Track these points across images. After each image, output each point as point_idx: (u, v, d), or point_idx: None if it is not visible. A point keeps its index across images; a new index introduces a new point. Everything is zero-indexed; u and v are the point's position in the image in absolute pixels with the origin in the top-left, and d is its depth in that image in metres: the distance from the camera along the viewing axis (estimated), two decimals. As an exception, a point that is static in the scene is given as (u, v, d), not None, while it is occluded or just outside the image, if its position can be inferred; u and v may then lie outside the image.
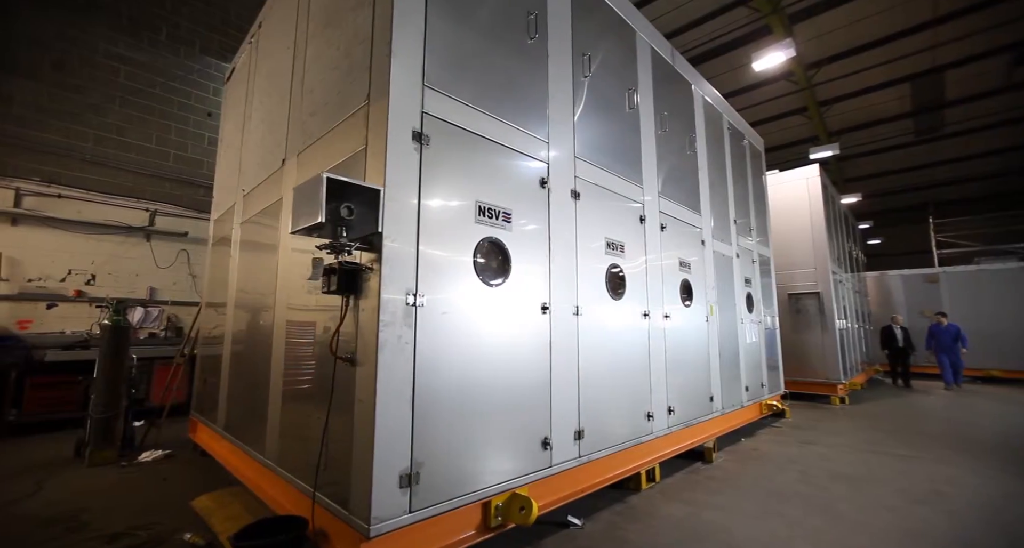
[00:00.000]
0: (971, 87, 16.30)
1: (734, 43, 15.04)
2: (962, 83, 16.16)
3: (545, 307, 3.05)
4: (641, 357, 3.97)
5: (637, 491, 3.73)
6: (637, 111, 4.38)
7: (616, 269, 3.82)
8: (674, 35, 15.07)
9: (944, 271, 13.27)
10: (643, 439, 3.85)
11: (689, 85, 5.49)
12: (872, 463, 4.58)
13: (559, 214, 3.30)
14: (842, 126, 19.33)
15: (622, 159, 4.10)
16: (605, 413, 3.49)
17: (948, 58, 15.09)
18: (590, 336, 3.44)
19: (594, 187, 3.70)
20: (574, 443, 3.16)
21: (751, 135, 7.20)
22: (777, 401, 6.47)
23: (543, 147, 3.25)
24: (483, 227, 2.73)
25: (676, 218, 4.79)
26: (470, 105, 2.75)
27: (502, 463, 2.67)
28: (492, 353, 2.67)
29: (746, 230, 6.54)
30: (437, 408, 2.36)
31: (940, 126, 18.85)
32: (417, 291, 2.33)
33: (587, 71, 3.76)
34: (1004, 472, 4.28)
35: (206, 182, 7.10)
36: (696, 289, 4.95)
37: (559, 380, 3.10)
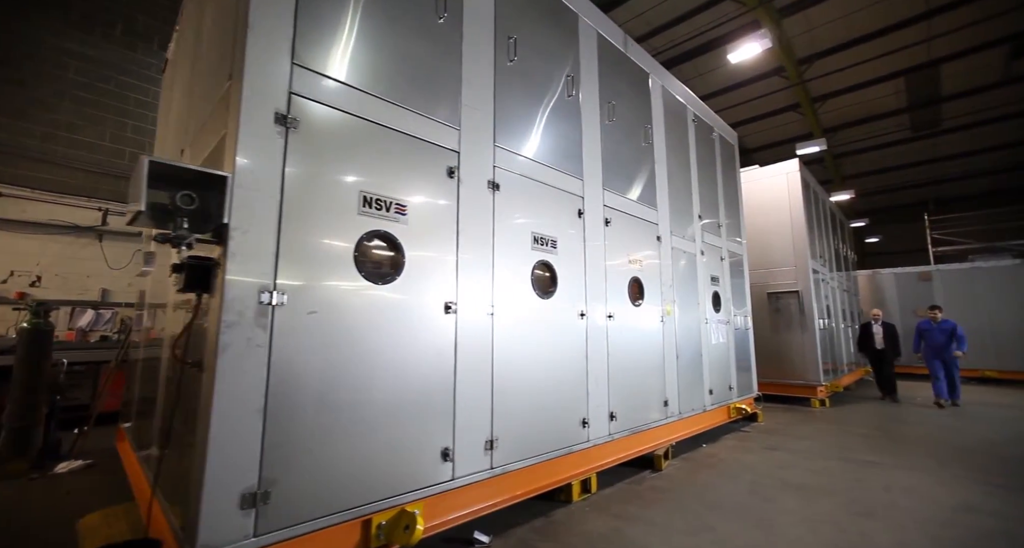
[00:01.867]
0: (968, 81, 15.94)
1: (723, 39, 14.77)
2: (958, 77, 15.81)
3: (449, 307, 2.83)
4: (575, 360, 3.73)
5: (568, 503, 3.50)
6: (577, 99, 4.14)
7: (545, 266, 3.59)
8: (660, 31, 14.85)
9: (937, 269, 12.93)
10: (575, 448, 3.60)
11: (646, 74, 5.25)
12: (833, 471, 4.32)
13: (472, 207, 3.07)
14: (837, 122, 19.01)
15: (557, 149, 3.87)
16: (527, 420, 3.25)
17: (943, 52, 14.75)
18: (510, 338, 3.21)
19: (519, 178, 3.47)
20: (485, 454, 2.93)
21: (722, 128, 6.94)
22: (747, 404, 6.20)
23: (453, 135, 3.02)
24: (369, 219, 2.50)
25: (625, 213, 4.55)
26: (358, 88, 2.53)
27: (390, 477, 2.44)
28: (377, 356, 2.45)
29: (714, 226, 6.29)
30: (301, 418, 2.13)
31: (937, 122, 18.48)
32: (275, 288, 2.11)
33: (512, 55, 3.53)
34: (968, 480, 4.01)
35: (164, 180, 6.89)
36: (649, 287, 4.71)
37: (467, 386, 2.87)
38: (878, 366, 9.04)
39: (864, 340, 9.26)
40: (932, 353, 8.25)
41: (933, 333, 8.31)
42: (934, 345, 8.25)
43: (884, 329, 8.99)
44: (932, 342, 8.28)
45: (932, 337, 8.30)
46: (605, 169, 4.35)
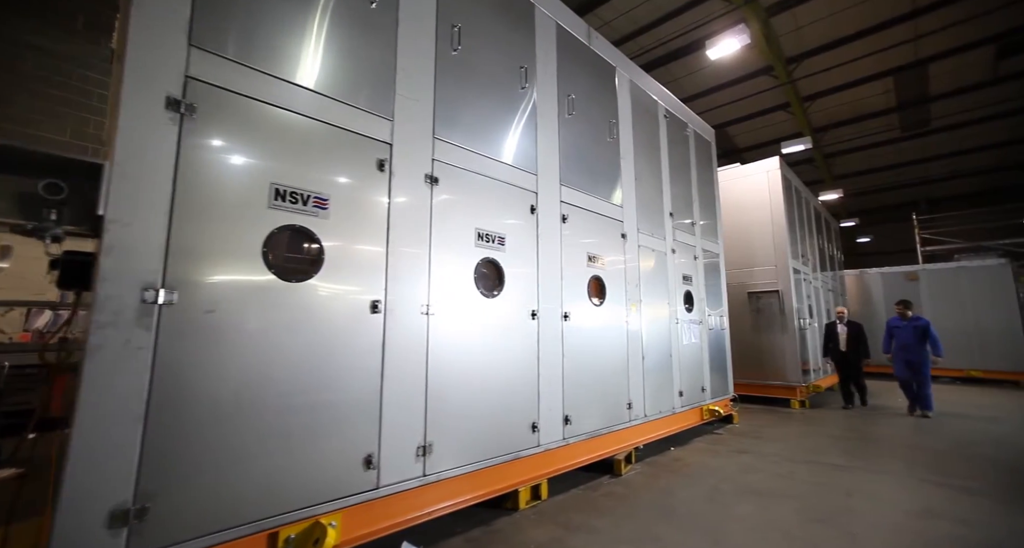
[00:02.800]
0: (955, 81, 15.87)
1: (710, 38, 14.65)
2: (946, 76, 15.74)
3: (376, 306, 2.68)
4: (525, 361, 3.59)
5: (514, 511, 3.35)
6: (532, 91, 4.00)
7: (491, 264, 3.44)
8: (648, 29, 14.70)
9: (924, 269, 12.85)
10: (524, 453, 3.46)
11: (612, 68, 5.11)
12: (798, 474, 4.18)
13: (407, 201, 2.93)
14: (827, 122, 18.91)
15: (508, 143, 3.72)
16: (468, 425, 3.10)
17: (930, 51, 14.68)
18: (450, 338, 3.06)
19: (462, 172, 3.32)
20: (416, 460, 2.78)
21: (697, 124, 6.81)
22: (720, 406, 6.07)
23: (385, 126, 2.87)
24: (282, 213, 2.35)
25: (586, 209, 4.41)
26: (270, 73, 2.38)
27: (305, 487, 2.29)
28: (288, 358, 2.30)
29: (687, 224, 6.15)
30: (194, 426, 1.98)
31: (927, 121, 18.41)
32: (164, 286, 1.95)
33: (456, 44, 3.38)
34: (934, 484, 3.89)
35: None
36: (612, 286, 4.56)
37: (396, 390, 2.72)
38: (843, 370, 8.02)
39: (828, 342, 8.23)
40: (901, 354, 7.28)
41: (903, 332, 7.28)
42: (903, 345, 7.26)
43: (849, 329, 7.97)
44: (901, 342, 7.30)
45: (901, 336, 7.29)
46: (563, 164, 4.21)
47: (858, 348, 7.84)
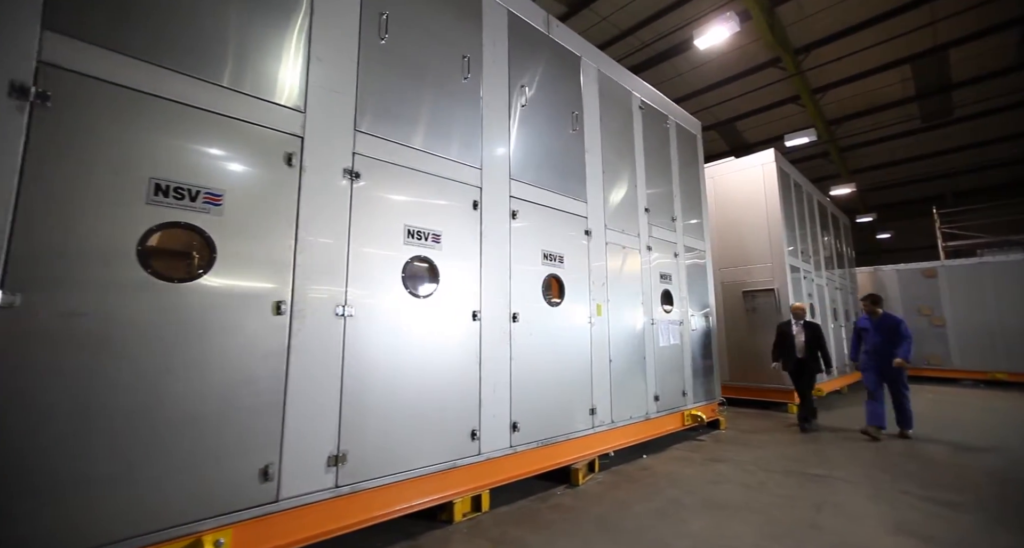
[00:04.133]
0: (978, 67, 15.08)
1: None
2: (968, 63, 14.96)
3: (280, 307, 2.53)
4: (464, 365, 3.40)
5: (449, 524, 3.17)
6: (478, 81, 3.82)
7: (424, 262, 3.27)
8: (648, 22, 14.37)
9: (943, 265, 12.18)
10: (462, 462, 3.27)
11: (577, 57, 4.89)
12: (770, 486, 3.89)
13: (320, 197, 2.77)
14: (840, 114, 18.20)
15: (448, 136, 3.55)
16: (393, 433, 2.94)
17: (950, 36, 13.97)
18: (372, 341, 2.90)
19: (390, 166, 3.16)
20: (327, 471, 2.62)
21: (680, 116, 6.52)
22: (704, 411, 5.76)
23: (295, 118, 2.72)
24: (164, 209, 2.22)
25: (542, 205, 4.21)
26: (145, 60, 2.23)
27: (187, 501, 2.16)
28: (172, 364, 2.16)
29: (667, 220, 5.88)
30: (44, 437, 1.86)
31: (949, 110, 17.56)
32: (4, 288, 1.84)
33: (384, 32, 3.22)
34: (916, 497, 3.55)
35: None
36: (572, 286, 4.35)
37: (304, 396, 2.57)
38: (798, 383, 6.41)
39: (781, 347, 6.52)
40: (869, 361, 5.94)
41: (873, 335, 5.90)
42: (874, 349, 5.86)
43: (807, 331, 6.37)
44: (871, 345, 5.92)
45: (871, 339, 5.93)
46: (515, 158, 4.02)
47: (817, 355, 6.31)
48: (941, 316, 11.89)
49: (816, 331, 6.39)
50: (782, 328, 6.58)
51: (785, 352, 6.44)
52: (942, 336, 11.81)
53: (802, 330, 6.40)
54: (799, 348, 6.33)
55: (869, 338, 5.94)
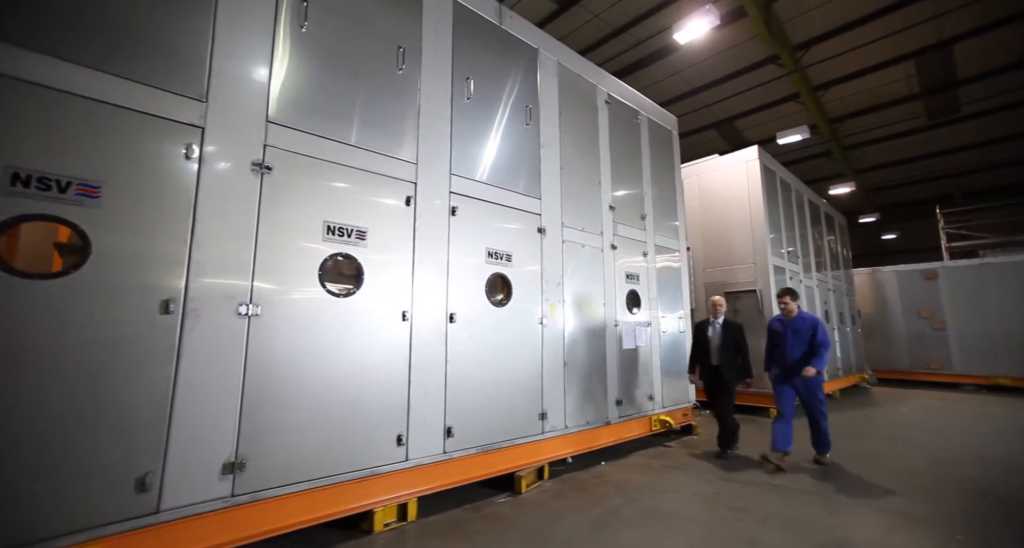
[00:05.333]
0: (985, 62, 14.64)
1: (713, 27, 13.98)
2: (975, 58, 14.52)
3: (169, 306, 2.40)
4: (392, 367, 3.25)
5: (368, 534, 3.02)
6: (416, 73, 3.68)
7: (347, 259, 3.13)
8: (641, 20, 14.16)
9: (943, 266, 11.79)
10: (384, 469, 3.12)
11: (534, 50, 4.73)
12: (724, 495, 3.70)
13: (223, 191, 2.65)
14: (843, 112, 17.78)
15: (377, 129, 3.41)
16: (301, 439, 2.79)
17: (954, 31, 13.57)
18: (281, 342, 2.77)
19: (310, 160, 3.02)
20: (222, 479, 2.49)
21: (653, 111, 6.33)
22: (673, 416, 5.56)
23: (194, 108, 2.60)
24: (26, 201, 2.10)
25: (487, 201, 4.05)
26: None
27: (53, 512, 2.03)
28: (46, 362, 2.04)
29: (635, 218, 5.69)
30: None
31: (956, 107, 17.07)
32: None
33: (304, 20, 3.09)
34: (881, 511, 3.32)
35: None
36: (521, 285, 4.18)
37: (198, 398, 2.44)
38: (713, 395, 5.17)
39: (696, 352, 5.34)
40: (781, 370, 4.77)
41: (785, 337, 4.77)
42: (785, 357, 4.72)
43: (724, 333, 5.13)
44: (782, 351, 4.76)
45: (783, 343, 4.78)
46: (456, 152, 3.87)
47: (736, 362, 5.09)
48: (942, 319, 11.50)
49: (736, 333, 5.14)
50: (698, 328, 5.36)
51: (701, 358, 5.26)
52: (943, 340, 11.42)
53: (720, 331, 5.14)
54: (714, 353, 5.10)
55: (782, 342, 4.79)
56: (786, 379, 4.73)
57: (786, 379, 4.73)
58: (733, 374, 5.06)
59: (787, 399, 4.68)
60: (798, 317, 4.75)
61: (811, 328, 4.62)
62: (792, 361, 4.66)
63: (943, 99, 16.82)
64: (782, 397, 4.70)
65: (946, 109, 17.39)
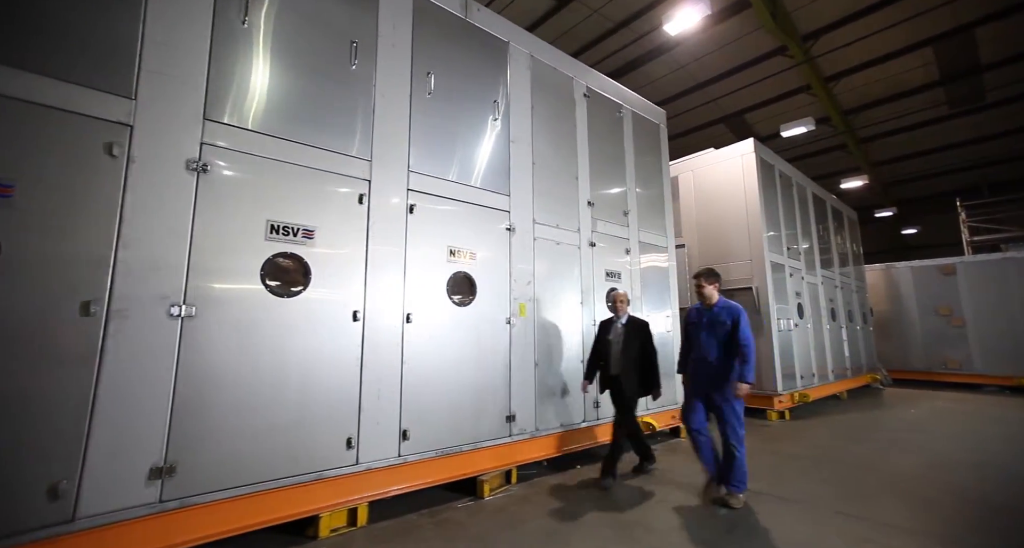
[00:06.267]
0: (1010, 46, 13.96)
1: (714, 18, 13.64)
2: (997, 42, 13.87)
3: (91, 308, 2.36)
4: (342, 368, 3.17)
5: (313, 540, 2.95)
6: (371, 69, 3.60)
7: (290, 259, 3.06)
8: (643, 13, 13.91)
9: (961, 261, 11.26)
10: (332, 473, 3.04)
11: (503, 43, 4.62)
12: (695, 501, 3.52)
13: (153, 190, 2.59)
14: (858, 103, 17.18)
15: (327, 126, 3.33)
16: (245, 441, 2.73)
17: (974, 14, 12.98)
18: (219, 343, 2.71)
19: (253, 159, 2.96)
20: (148, 484, 2.43)
21: (637, 104, 6.14)
22: (657, 419, 5.37)
23: (120, 105, 2.55)
24: (-59, 204, 2.09)
25: (450, 198, 3.95)
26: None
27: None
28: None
29: (618, 214, 5.52)
30: None
31: (980, 95, 16.34)
32: None
33: (244, 14, 3.04)
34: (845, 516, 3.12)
35: None
36: (488, 284, 4.08)
37: (122, 402, 2.39)
38: (618, 405, 4.15)
39: (595, 357, 4.36)
40: (695, 375, 3.79)
41: (699, 331, 3.78)
42: (700, 357, 3.73)
43: (627, 335, 4.17)
44: (698, 352, 3.77)
45: (698, 340, 3.79)
46: (415, 149, 3.78)
47: (641, 368, 4.12)
48: (961, 316, 10.98)
49: (642, 335, 4.20)
50: (600, 328, 4.44)
51: (601, 365, 4.30)
52: (962, 338, 10.90)
53: (623, 330, 4.23)
54: (613, 359, 4.15)
55: (697, 339, 3.79)
56: (695, 391, 3.76)
57: (695, 391, 3.76)
58: (634, 386, 4.05)
59: (698, 416, 3.72)
60: (718, 306, 3.73)
61: (734, 318, 3.59)
62: (704, 363, 3.69)
63: (965, 86, 16.12)
64: (691, 414, 3.73)
65: (969, 97, 16.66)
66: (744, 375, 3.44)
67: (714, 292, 3.80)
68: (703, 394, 3.71)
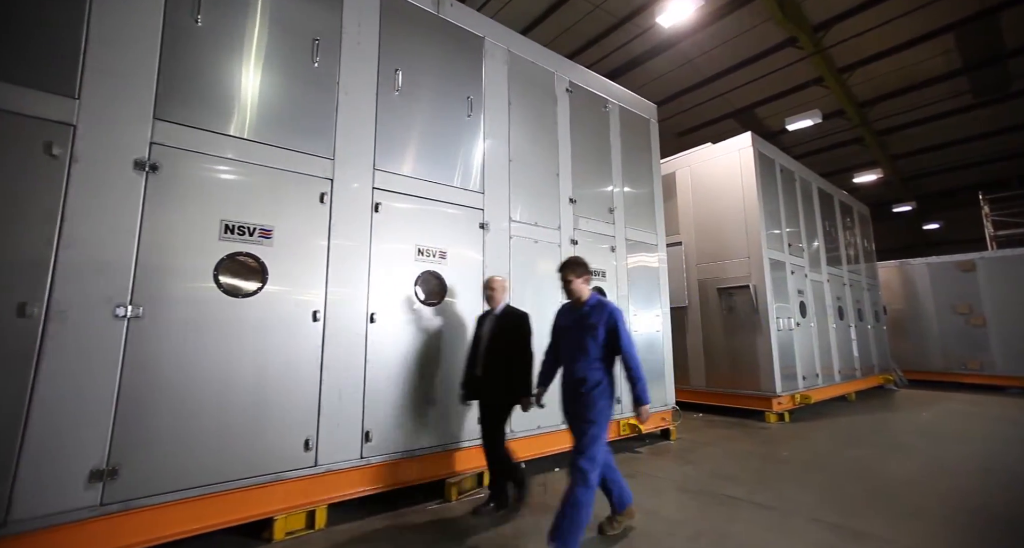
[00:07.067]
0: (1037, 29, 13.31)
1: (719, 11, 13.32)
2: (1023, 26, 13.25)
3: (27, 309, 2.34)
4: (299, 370, 3.13)
5: (268, 543, 2.91)
6: (334, 66, 3.55)
7: (246, 259, 3.02)
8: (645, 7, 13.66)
9: (981, 257, 10.78)
10: (289, 475, 3.00)
11: (479, 38, 4.53)
12: (667, 508, 3.42)
13: (98, 190, 2.57)
14: (874, 94, 16.59)
15: (287, 125, 3.29)
16: (195, 443, 2.70)
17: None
18: (168, 344, 2.69)
19: (207, 158, 2.93)
20: (88, 487, 2.40)
21: (625, 99, 5.99)
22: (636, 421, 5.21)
23: (63, 105, 2.53)
24: None
25: (419, 197, 3.88)
26: None
27: None
28: None
29: (603, 211, 5.39)
30: None
31: (1006, 82, 15.64)
32: None
33: (198, 12, 3.01)
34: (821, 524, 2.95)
35: None
36: (458, 283, 4.00)
37: (61, 405, 2.38)
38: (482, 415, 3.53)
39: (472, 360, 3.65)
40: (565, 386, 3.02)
41: (570, 334, 3.04)
42: (569, 356, 3.00)
43: (497, 330, 3.53)
44: (567, 351, 3.04)
45: (568, 344, 3.04)
46: (381, 147, 3.72)
47: (508, 373, 3.40)
48: (981, 315, 10.52)
49: (515, 332, 3.49)
50: (478, 323, 3.72)
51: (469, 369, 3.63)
52: (982, 338, 10.45)
53: (493, 324, 3.54)
54: (480, 359, 3.51)
55: (566, 341, 3.07)
56: (567, 400, 2.94)
57: (567, 400, 2.94)
58: (499, 392, 3.39)
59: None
60: (588, 304, 2.99)
61: (604, 325, 2.85)
62: (567, 375, 2.97)
63: (989, 74, 15.44)
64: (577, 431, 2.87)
65: (993, 85, 15.96)
66: (640, 397, 2.82)
67: (583, 287, 3.04)
68: (570, 409, 2.92)
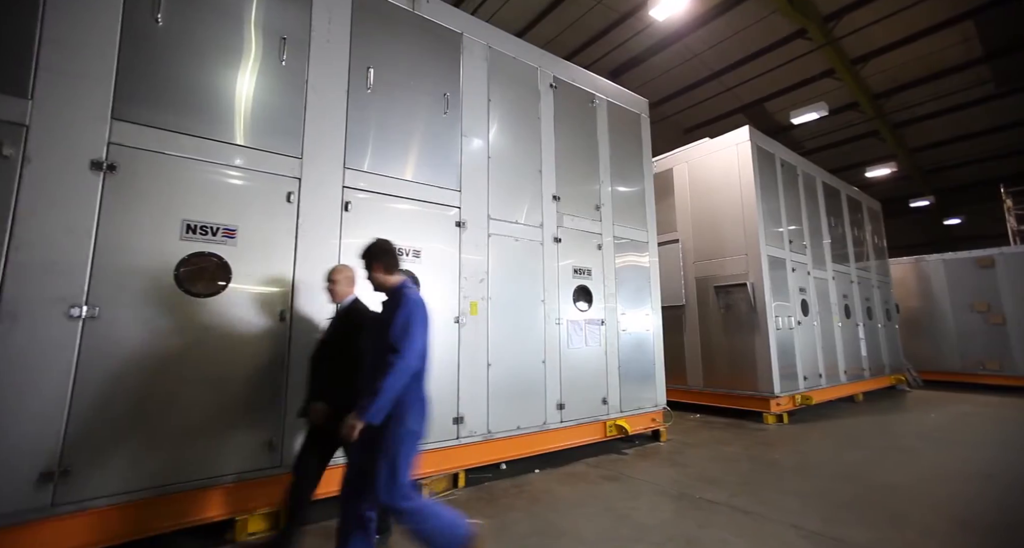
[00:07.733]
0: (1061, 14, 12.74)
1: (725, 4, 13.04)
2: (1048, 10, 12.68)
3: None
4: (265, 370, 3.11)
5: (231, 544, 2.90)
6: (303, 64, 3.52)
7: (209, 259, 3.01)
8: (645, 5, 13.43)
9: (1001, 252, 10.36)
10: (254, 475, 2.98)
11: (456, 34, 4.46)
12: (641, 511, 3.32)
13: (52, 191, 2.57)
14: (890, 85, 16.09)
15: (253, 124, 3.28)
16: (158, 443, 2.70)
17: (1019, -19, 11.90)
18: (127, 344, 2.69)
19: (168, 158, 2.93)
20: (38, 489, 2.42)
21: (613, 94, 5.86)
22: (631, 421, 5.12)
23: (15, 105, 2.52)
24: None
25: (392, 195, 3.84)
26: None
27: None
28: None
29: (589, 208, 5.28)
30: None
31: (1029, 69, 15.02)
32: None
33: (158, 11, 3.00)
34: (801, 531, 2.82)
35: None
36: (433, 282, 3.93)
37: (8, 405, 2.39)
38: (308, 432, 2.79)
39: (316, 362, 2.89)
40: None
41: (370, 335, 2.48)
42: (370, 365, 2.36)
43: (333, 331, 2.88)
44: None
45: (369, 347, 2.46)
46: (352, 146, 3.69)
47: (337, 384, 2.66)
48: (1000, 313, 10.11)
49: (349, 331, 2.75)
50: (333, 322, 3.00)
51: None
52: (1001, 337, 10.04)
53: (329, 326, 2.97)
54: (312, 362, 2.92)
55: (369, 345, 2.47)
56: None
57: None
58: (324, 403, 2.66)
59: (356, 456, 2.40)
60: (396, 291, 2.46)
61: (400, 318, 2.29)
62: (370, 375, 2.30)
63: (1014, 61, 14.82)
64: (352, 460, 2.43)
65: (1018, 73, 15.33)
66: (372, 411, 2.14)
67: (385, 279, 2.50)
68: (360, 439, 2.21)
